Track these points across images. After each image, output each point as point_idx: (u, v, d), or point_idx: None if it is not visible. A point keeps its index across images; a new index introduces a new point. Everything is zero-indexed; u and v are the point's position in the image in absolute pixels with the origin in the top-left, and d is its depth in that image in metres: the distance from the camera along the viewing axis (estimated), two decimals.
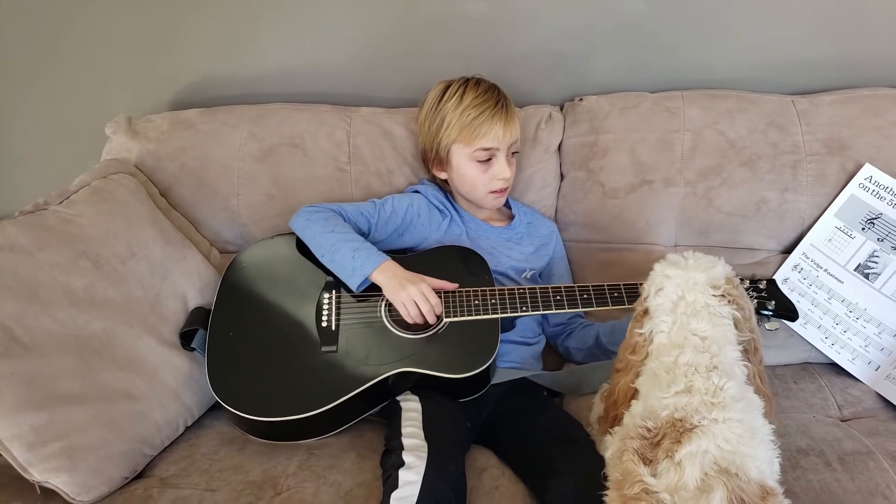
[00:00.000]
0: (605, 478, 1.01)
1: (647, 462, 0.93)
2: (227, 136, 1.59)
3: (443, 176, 1.52)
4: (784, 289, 1.47)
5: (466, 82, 1.47)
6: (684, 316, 1.03)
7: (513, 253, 1.50)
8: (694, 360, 0.99)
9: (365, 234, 1.42)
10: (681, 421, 0.94)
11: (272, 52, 1.72)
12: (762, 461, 0.92)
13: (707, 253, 1.52)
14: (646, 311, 1.09)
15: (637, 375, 1.07)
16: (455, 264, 1.41)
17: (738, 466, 0.89)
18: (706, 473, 0.89)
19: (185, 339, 1.34)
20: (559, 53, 1.69)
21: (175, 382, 1.30)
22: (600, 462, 1.12)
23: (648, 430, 0.96)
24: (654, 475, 0.91)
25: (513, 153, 1.49)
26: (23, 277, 1.17)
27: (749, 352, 1.06)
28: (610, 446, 1.03)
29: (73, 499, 1.12)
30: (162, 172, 1.57)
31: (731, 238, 1.56)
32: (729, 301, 1.05)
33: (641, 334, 1.08)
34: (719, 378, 0.97)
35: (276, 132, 1.60)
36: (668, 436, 0.93)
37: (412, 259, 1.41)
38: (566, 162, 1.65)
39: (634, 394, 1.06)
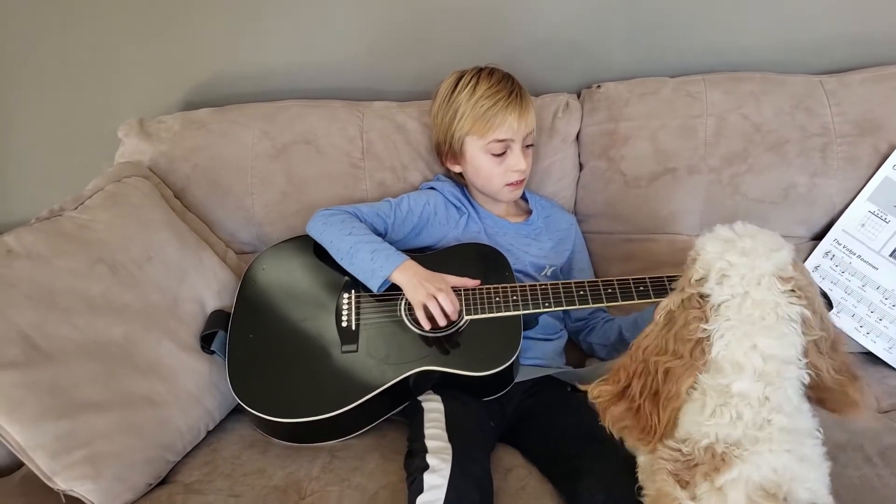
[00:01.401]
0: (637, 480, 0.98)
1: (684, 484, 0.88)
2: (239, 135, 1.58)
3: (457, 169, 1.49)
4: (815, 277, 1.43)
5: (480, 72, 1.43)
6: (750, 324, 0.91)
7: (531, 249, 1.47)
8: (748, 389, 0.90)
9: (382, 235, 1.40)
10: (722, 453, 0.87)
11: (281, 49, 1.70)
12: (812, 481, 0.87)
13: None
14: (702, 297, 0.94)
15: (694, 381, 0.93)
16: (475, 261, 1.38)
17: (786, 492, 0.84)
18: (751, 500, 0.84)
19: (205, 341, 1.33)
20: (574, 39, 1.65)
21: (195, 387, 1.29)
22: (630, 461, 1.10)
23: (683, 453, 0.89)
24: (693, 498, 0.86)
25: (528, 145, 1.45)
26: (41, 285, 1.17)
27: (819, 348, 0.94)
28: (640, 454, 1.00)
29: None
30: (175, 174, 1.56)
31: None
32: (799, 295, 0.91)
33: (706, 331, 0.92)
34: (769, 412, 0.89)
35: (288, 130, 1.58)
36: (707, 463, 0.87)
37: (431, 257, 1.39)
38: (585, 151, 1.61)
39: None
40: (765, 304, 0.91)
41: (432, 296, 1.25)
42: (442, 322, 1.26)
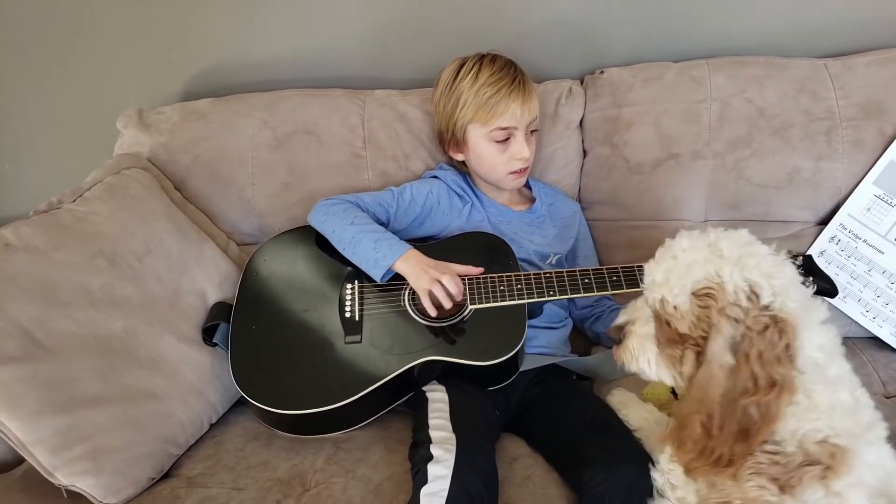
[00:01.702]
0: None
1: (788, 489, 0.83)
2: (239, 126, 1.56)
3: (460, 158, 1.48)
4: (821, 262, 1.42)
5: (482, 59, 1.41)
6: (807, 305, 0.89)
7: (535, 237, 1.46)
8: (840, 369, 0.87)
9: (384, 224, 1.39)
10: (837, 448, 0.82)
11: (281, 38, 1.68)
12: None
13: (738, 227, 1.50)
14: (766, 309, 0.87)
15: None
16: (479, 250, 1.37)
17: (892, 492, 0.82)
18: None
19: (207, 334, 1.32)
20: (577, 24, 1.63)
21: (197, 379, 1.28)
22: (636, 449, 1.09)
23: (786, 454, 0.84)
24: None
25: (532, 131, 1.44)
26: (39, 279, 1.16)
27: None
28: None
29: (100, 501, 1.11)
30: (175, 165, 1.55)
31: (763, 211, 1.50)
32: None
33: (796, 336, 0.87)
34: (855, 387, 0.86)
35: (289, 119, 1.57)
36: (823, 462, 0.82)
37: (435, 247, 1.38)
38: (588, 138, 1.60)
39: None
40: (796, 281, 0.90)
41: (436, 280, 1.24)
42: (448, 305, 1.25)
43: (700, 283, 0.90)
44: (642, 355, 0.98)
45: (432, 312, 1.25)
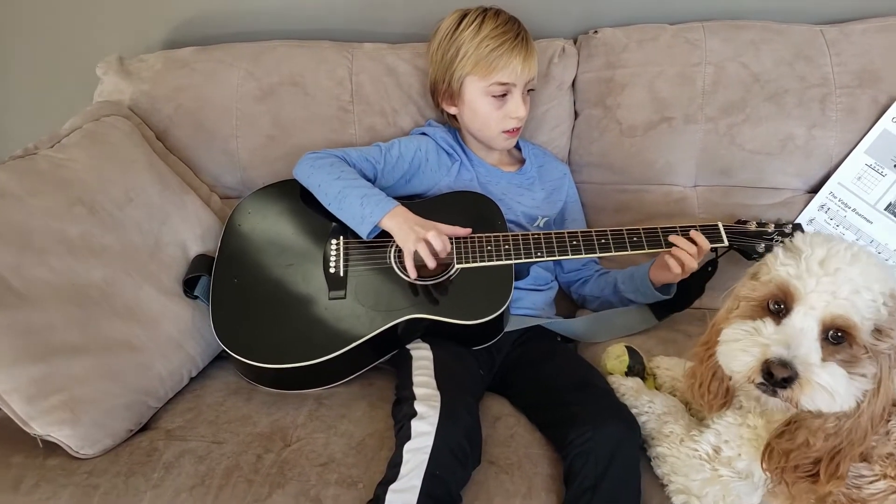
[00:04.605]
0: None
1: None
2: (224, 76, 1.52)
3: (452, 111, 1.44)
4: (809, 230, 1.41)
5: (485, 12, 1.38)
6: None
7: (524, 199, 1.44)
8: None
9: (371, 181, 1.36)
10: None
11: None
12: None
13: (728, 193, 1.50)
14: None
15: None
16: (466, 210, 1.35)
17: None
18: None
19: (188, 286, 1.30)
20: None
21: (177, 332, 1.26)
22: (619, 408, 1.10)
23: None
24: None
25: (528, 90, 1.41)
26: (15, 225, 1.12)
27: None
28: None
29: (77, 452, 1.10)
30: (157, 114, 1.51)
31: (754, 177, 1.49)
32: None
33: None
34: None
35: (275, 71, 1.53)
36: None
37: (422, 205, 1.35)
38: (581, 99, 1.57)
39: None
40: None
41: (422, 239, 1.22)
42: (432, 265, 1.23)
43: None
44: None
45: (413, 274, 1.24)
